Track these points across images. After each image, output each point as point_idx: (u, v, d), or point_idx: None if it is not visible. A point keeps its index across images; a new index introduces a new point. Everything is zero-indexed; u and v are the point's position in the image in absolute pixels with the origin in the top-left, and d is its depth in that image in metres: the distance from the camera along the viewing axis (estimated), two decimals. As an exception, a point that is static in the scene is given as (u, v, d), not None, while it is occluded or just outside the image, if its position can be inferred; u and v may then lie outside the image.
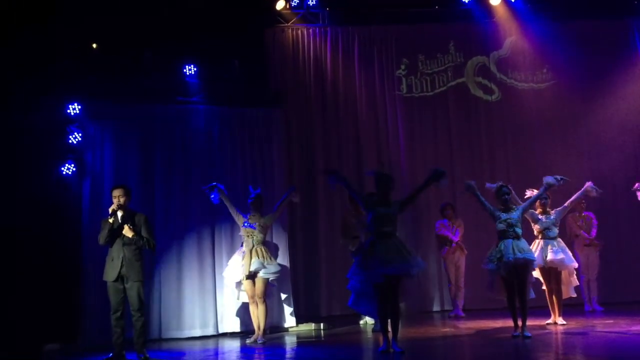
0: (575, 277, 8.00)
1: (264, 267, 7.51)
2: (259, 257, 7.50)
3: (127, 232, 6.32)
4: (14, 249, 7.51)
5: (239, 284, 7.76)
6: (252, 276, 7.51)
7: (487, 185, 7.36)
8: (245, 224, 7.61)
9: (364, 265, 6.18)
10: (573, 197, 7.93)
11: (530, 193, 7.68)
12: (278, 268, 7.77)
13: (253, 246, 7.54)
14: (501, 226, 6.93)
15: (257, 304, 7.55)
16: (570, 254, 7.84)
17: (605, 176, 10.19)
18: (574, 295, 8.08)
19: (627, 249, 9.97)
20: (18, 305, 7.34)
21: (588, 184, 7.96)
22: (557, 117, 10.46)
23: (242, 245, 7.75)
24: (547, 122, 10.46)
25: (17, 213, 7.56)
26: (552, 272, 7.72)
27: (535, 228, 7.81)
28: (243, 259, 7.54)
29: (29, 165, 7.80)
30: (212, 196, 7.67)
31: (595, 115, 10.42)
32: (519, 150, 10.45)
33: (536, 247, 7.68)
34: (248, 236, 7.58)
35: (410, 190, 6.47)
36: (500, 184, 7.24)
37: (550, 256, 7.62)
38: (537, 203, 7.61)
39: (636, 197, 8.18)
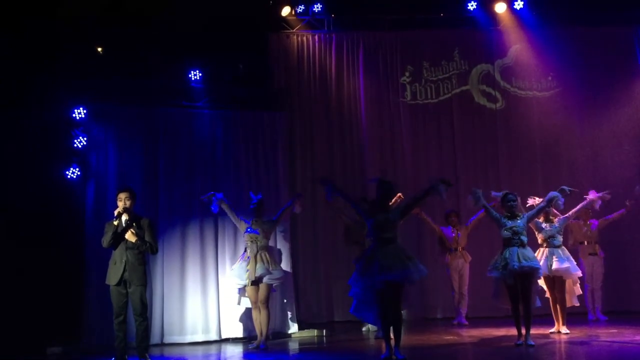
0: (578, 286, 7.97)
1: (269, 272, 7.51)
2: (263, 263, 7.49)
3: (131, 237, 6.31)
4: (18, 252, 7.51)
5: (241, 289, 7.75)
6: (256, 282, 7.50)
7: (493, 193, 7.34)
8: (249, 230, 7.62)
9: (364, 272, 6.16)
10: (577, 208, 7.91)
11: (532, 201, 7.69)
12: (282, 274, 7.77)
13: (257, 251, 7.53)
14: (507, 234, 6.90)
15: (259, 309, 7.54)
16: (574, 262, 7.81)
17: (609, 184, 10.16)
18: (577, 304, 8.05)
19: (631, 258, 9.93)
20: (21, 307, 7.35)
21: (591, 194, 7.92)
22: (562, 125, 10.44)
23: (245, 251, 7.74)
24: (551, 129, 10.44)
25: (21, 216, 7.58)
26: (556, 280, 7.70)
27: (540, 237, 7.80)
28: (248, 264, 7.53)
29: (34, 168, 7.82)
30: (212, 206, 7.70)
31: (599, 123, 10.40)
32: (523, 158, 10.43)
33: (541, 255, 7.67)
34: (252, 242, 7.58)
35: (410, 197, 6.41)
36: (506, 191, 7.21)
37: (555, 265, 7.60)
38: (546, 213, 7.65)
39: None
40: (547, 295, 7.84)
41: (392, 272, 6.03)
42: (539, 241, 7.81)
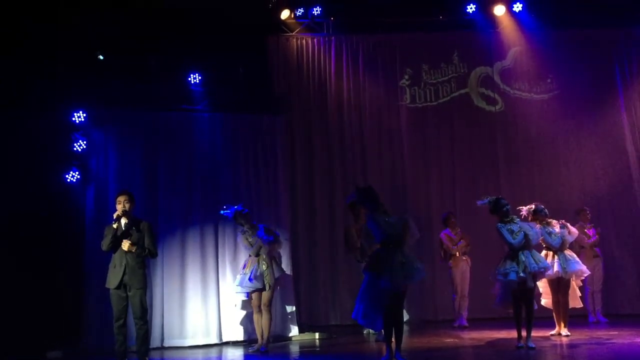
0: (577, 287, 7.98)
1: (279, 273, 7.61)
2: (272, 266, 7.53)
3: (129, 247, 6.26)
4: (18, 255, 7.51)
5: (248, 293, 7.71)
6: (264, 286, 7.50)
7: (478, 202, 7.13)
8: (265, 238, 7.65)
9: (392, 277, 5.97)
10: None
11: (525, 212, 7.61)
12: (282, 272, 7.81)
13: (267, 255, 7.53)
14: (521, 237, 6.85)
15: (261, 312, 7.52)
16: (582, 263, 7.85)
17: (608, 186, 10.20)
18: (581, 305, 8.04)
19: (631, 260, 9.93)
20: (21, 310, 7.34)
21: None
22: (561, 127, 10.45)
23: (251, 256, 7.66)
24: (550, 132, 10.45)
25: (21, 220, 7.58)
26: (562, 283, 7.67)
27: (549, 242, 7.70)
28: (258, 269, 7.47)
29: (33, 170, 7.82)
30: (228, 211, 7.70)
31: (598, 125, 10.41)
32: (522, 160, 10.42)
33: (552, 259, 7.61)
34: (262, 246, 7.57)
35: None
36: (495, 197, 7.07)
37: (573, 266, 7.61)
38: (541, 218, 7.61)
39: None
40: (542, 298, 7.83)
41: (417, 274, 6.05)
42: (547, 245, 7.73)
